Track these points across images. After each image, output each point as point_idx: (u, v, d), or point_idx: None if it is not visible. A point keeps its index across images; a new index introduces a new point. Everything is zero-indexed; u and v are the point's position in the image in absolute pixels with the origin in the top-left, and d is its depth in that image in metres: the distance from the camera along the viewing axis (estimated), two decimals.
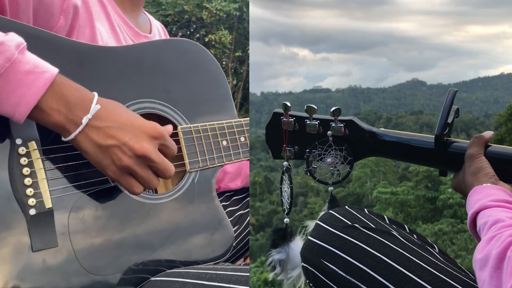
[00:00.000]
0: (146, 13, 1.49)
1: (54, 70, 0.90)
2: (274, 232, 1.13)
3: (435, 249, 0.99)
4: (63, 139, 0.95)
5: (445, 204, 22.32)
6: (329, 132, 1.07)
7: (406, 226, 1.02)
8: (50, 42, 1.03)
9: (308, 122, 1.08)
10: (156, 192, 1.24)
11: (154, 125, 0.99)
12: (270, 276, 1.10)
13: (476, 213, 0.87)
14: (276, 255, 1.10)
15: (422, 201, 23.43)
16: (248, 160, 1.36)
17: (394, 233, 0.96)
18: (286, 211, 1.12)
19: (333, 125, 1.07)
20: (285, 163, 1.12)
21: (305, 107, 1.07)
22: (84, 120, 0.92)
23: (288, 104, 1.09)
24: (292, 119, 1.10)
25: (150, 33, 1.43)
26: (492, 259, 0.74)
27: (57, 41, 1.04)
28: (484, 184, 0.92)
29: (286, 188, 1.12)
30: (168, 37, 1.61)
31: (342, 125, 1.06)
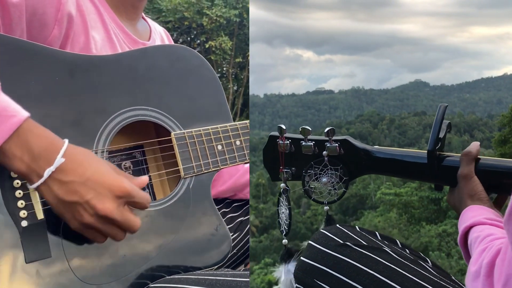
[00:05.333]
0: (148, 19, 1.48)
1: (23, 115, 0.87)
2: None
3: (428, 263, 0.99)
4: (28, 186, 0.92)
5: (449, 205, 22.23)
6: (324, 152, 1.09)
7: (398, 241, 1.02)
8: (39, 54, 1.02)
9: (303, 144, 1.10)
10: (155, 198, 1.24)
11: (120, 183, 0.93)
12: None
13: (470, 228, 0.89)
14: (275, 273, 1.10)
15: (426, 202, 23.38)
16: (248, 163, 1.36)
17: (386, 249, 0.96)
18: (284, 232, 1.12)
19: (328, 145, 1.09)
20: (282, 184, 1.13)
21: (300, 129, 1.10)
22: (46, 173, 0.89)
23: (283, 127, 1.12)
24: (288, 141, 1.11)
25: (148, 40, 1.41)
26: (483, 268, 0.76)
27: (46, 53, 1.04)
28: (480, 205, 0.93)
29: (283, 209, 1.13)
30: (172, 42, 1.60)
31: (337, 144, 1.08)
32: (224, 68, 19.31)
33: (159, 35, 1.51)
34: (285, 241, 1.12)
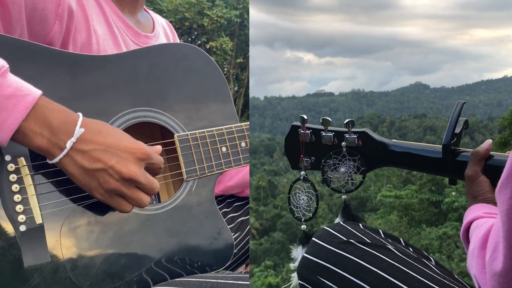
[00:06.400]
0: (150, 12, 1.47)
1: (37, 92, 0.89)
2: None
3: (432, 261, 1.00)
4: (48, 161, 0.94)
5: (449, 208, 22.25)
6: (343, 143, 1.12)
7: (401, 239, 1.03)
8: (39, 55, 1.01)
9: (323, 134, 1.13)
10: (160, 200, 1.23)
11: (140, 146, 0.98)
12: (292, 266, 1.13)
13: (470, 223, 0.91)
14: (293, 253, 1.14)
15: (426, 205, 23.35)
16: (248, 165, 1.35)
17: (390, 247, 0.96)
18: (302, 218, 1.16)
19: (347, 136, 1.12)
20: (302, 172, 1.17)
21: (321, 120, 1.13)
22: (68, 144, 0.91)
23: (305, 117, 1.15)
24: (309, 131, 1.15)
25: (152, 32, 1.40)
26: (478, 241, 0.80)
27: (47, 53, 1.03)
28: (482, 203, 0.95)
29: (303, 196, 1.16)
30: (175, 33, 1.59)
31: (356, 136, 1.11)
32: (225, 69, 19.38)
33: (162, 27, 1.51)
34: (303, 226, 1.15)
